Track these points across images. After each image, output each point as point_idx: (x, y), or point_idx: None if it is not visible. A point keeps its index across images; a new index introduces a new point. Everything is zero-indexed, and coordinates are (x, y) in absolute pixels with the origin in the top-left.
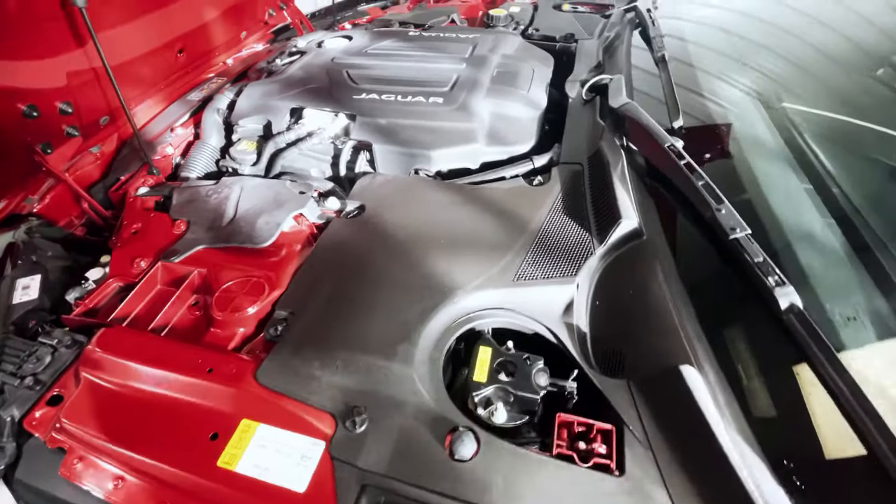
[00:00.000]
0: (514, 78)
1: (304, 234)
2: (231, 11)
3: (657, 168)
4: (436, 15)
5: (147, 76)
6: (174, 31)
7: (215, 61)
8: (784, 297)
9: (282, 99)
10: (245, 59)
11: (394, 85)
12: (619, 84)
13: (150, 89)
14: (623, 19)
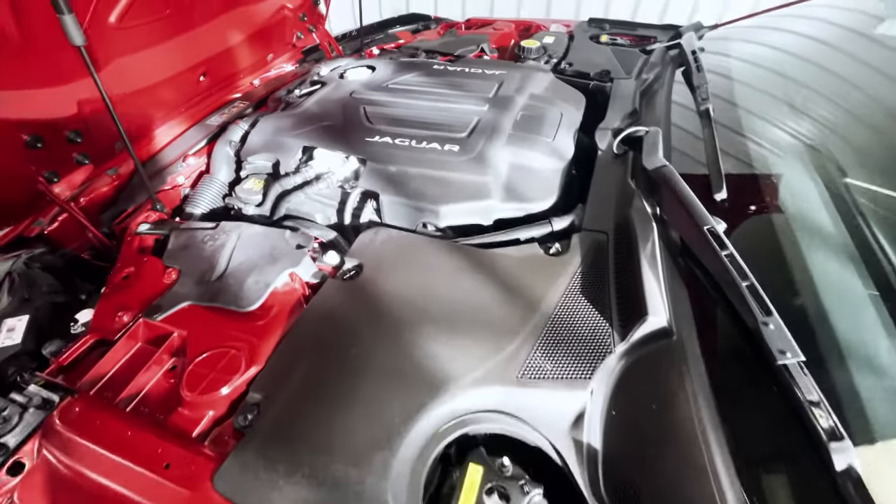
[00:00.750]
0: (539, 123)
1: (295, 296)
2: (257, 35)
3: (694, 252)
4: (465, 44)
5: (167, 100)
6: (197, 55)
7: (240, 83)
8: (840, 455)
9: (294, 136)
10: (272, 79)
11: (410, 127)
12: (654, 140)
13: (171, 113)
14: (664, 58)
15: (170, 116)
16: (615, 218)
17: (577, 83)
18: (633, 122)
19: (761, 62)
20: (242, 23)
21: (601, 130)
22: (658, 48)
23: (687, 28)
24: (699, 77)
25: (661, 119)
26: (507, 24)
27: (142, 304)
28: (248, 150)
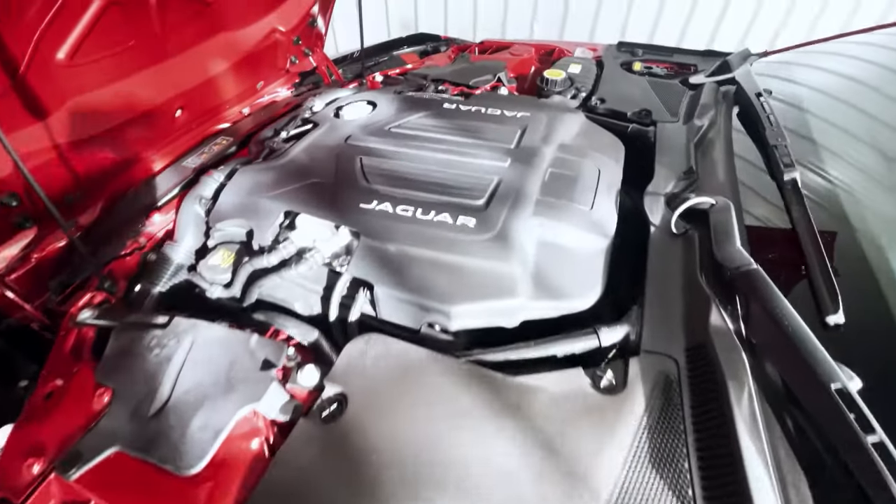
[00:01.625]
0: (572, 185)
1: (254, 448)
2: (244, 62)
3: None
4: (479, 72)
5: (136, 141)
6: (172, 88)
7: (226, 114)
8: None
9: (274, 197)
10: (264, 106)
11: (415, 189)
12: (726, 220)
13: (141, 155)
14: (717, 96)
15: (140, 159)
16: (686, 336)
17: (613, 125)
18: (689, 185)
19: (835, 93)
20: (226, 50)
21: (651, 196)
22: (708, 85)
23: (736, 57)
24: (774, 133)
25: (725, 184)
26: (527, 49)
27: (60, 446)
28: (218, 212)
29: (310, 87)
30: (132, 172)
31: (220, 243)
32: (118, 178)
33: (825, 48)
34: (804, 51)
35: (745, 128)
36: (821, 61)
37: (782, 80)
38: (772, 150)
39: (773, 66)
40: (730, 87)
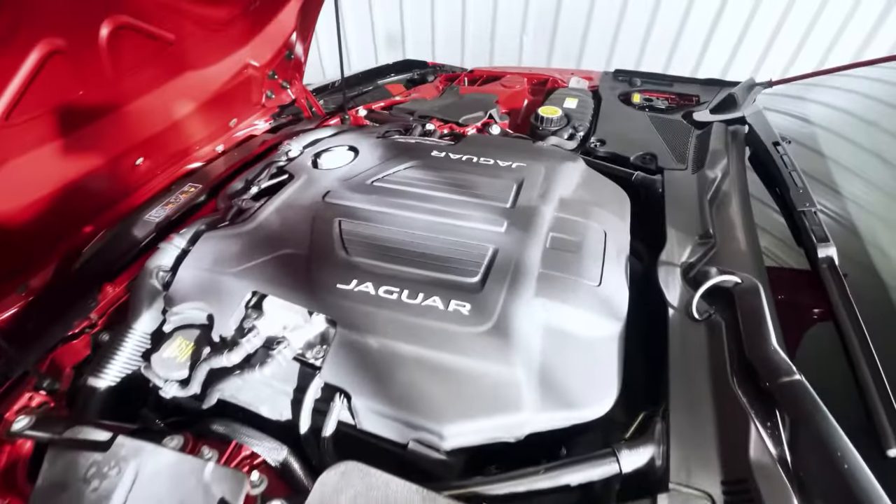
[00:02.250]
0: (577, 254)
1: None
2: (214, 101)
3: None
4: (469, 107)
5: (91, 198)
6: (131, 137)
7: (197, 154)
8: None
9: (240, 274)
10: (240, 142)
11: (400, 263)
12: (757, 309)
13: (97, 212)
14: (727, 139)
15: (96, 216)
16: (721, 464)
17: (615, 173)
18: (707, 252)
19: (844, 131)
20: (193, 90)
21: (665, 267)
22: (716, 127)
23: (741, 89)
24: (801, 196)
25: (748, 254)
26: (518, 80)
27: None
28: (175, 291)
29: (289, 118)
30: (87, 230)
31: (177, 328)
32: (72, 236)
33: (834, 82)
34: (810, 83)
35: (758, 174)
36: (829, 95)
37: (790, 117)
38: (799, 216)
39: (779, 99)
40: (739, 126)
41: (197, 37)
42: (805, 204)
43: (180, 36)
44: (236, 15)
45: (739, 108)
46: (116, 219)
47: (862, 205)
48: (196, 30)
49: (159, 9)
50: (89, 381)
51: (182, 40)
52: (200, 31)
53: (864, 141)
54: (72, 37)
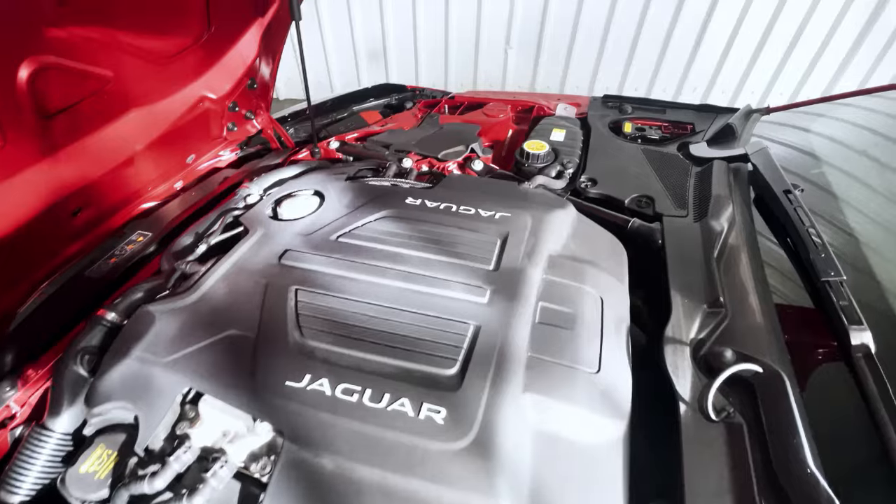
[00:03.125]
0: (571, 330)
1: None
2: (166, 138)
3: None
4: (449, 140)
5: (14, 260)
6: (61, 189)
7: (150, 194)
8: None
9: (173, 365)
10: (201, 177)
11: (364, 349)
12: (785, 412)
13: (25, 274)
14: (729, 179)
15: (23, 280)
16: None
17: (609, 218)
18: (719, 325)
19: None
20: (140, 129)
21: (672, 345)
22: (717, 167)
23: (739, 119)
24: (824, 261)
25: (766, 330)
26: (502, 107)
27: None
28: (99, 385)
29: (258, 147)
30: (17, 292)
31: (100, 432)
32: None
33: (836, 111)
34: (810, 111)
35: (764, 219)
36: (831, 126)
37: (793, 150)
38: (824, 288)
39: (777, 128)
40: (741, 164)
41: (141, 72)
42: (830, 273)
43: (120, 72)
44: (187, 46)
45: (738, 140)
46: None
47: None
48: (140, 64)
49: (91, 45)
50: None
51: (123, 77)
52: (145, 66)
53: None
54: None
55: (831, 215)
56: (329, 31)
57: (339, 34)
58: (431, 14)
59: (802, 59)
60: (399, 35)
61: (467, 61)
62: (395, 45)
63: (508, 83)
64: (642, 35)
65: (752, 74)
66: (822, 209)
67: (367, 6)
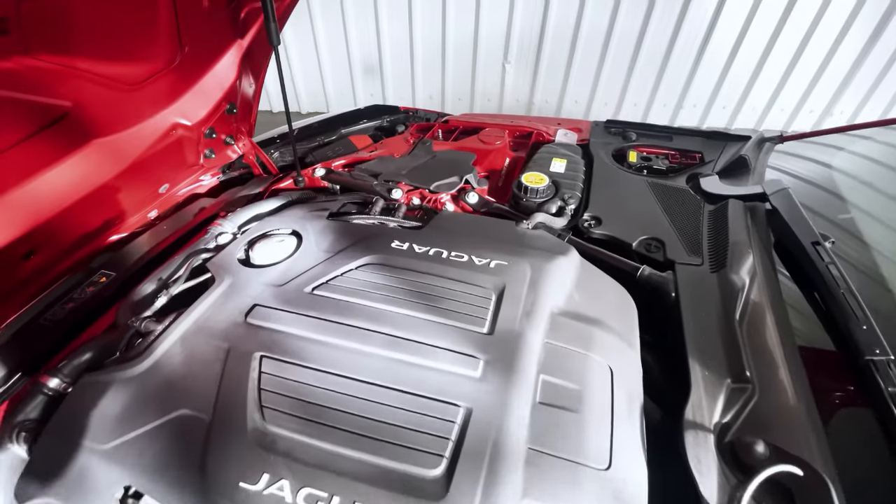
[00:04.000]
0: (576, 414)
1: None
2: (133, 171)
3: None
4: (443, 171)
5: None
6: (9, 230)
7: (121, 226)
8: None
9: (112, 455)
10: (178, 204)
11: (335, 440)
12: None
13: None
14: (747, 222)
15: None
16: None
17: (615, 264)
18: (745, 405)
19: None
20: (103, 162)
21: (693, 432)
22: (734, 208)
23: (751, 148)
24: (867, 336)
25: (801, 411)
26: (499, 134)
27: None
28: (30, 472)
29: (240, 171)
30: None
31: None
32: None
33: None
34: (827, 140)
35: (790, 273)
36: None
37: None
38: (869, 368)
39: (794, 158)
40: (758, 203)
41: (104, 100)
42: (875, 351)
43: (80, 102)
44: (157, 71)
45: (752, 173)
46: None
47: None
48: (102, 92)
49: (45, 75)
50: None
51: (83, 106)
52: (109, 94)
53: None
54: None
55: (863, 268)
56: (324, 45)
57: (334, 48)
58: (428, 28)
59: (804, 76)
60: (395, 49)
61: (464, 76)
62: (392, 59)
63: (506, 97)
64: (642, 50)
65: (753, 90)
66: (851, 259)
67: (362, 20)
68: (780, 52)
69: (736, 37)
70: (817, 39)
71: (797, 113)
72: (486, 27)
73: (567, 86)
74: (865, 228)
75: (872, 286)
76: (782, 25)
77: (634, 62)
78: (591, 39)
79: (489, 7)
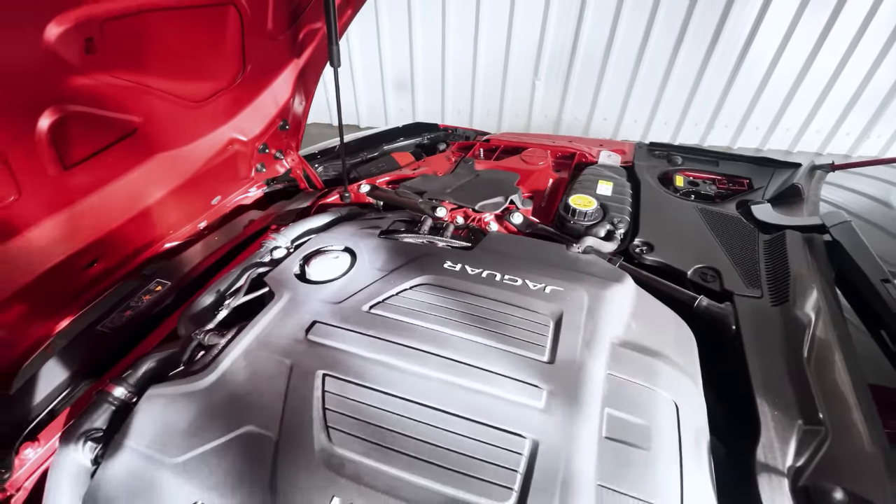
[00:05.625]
0: (644, 453)
1: None
2: (191, 184)
3: None
4: (487, 190)
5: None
6: (77, 241)
7: (172, 236)
8: None
9: (182, 470)
10: (225, 215)
11: (402, 466)
12: None
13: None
14: (807, 256)
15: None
16: None
17: (671, 293)
18: (818, 449)
19: None
20: (164, 176)
21: (767, 475)
22: (791, 239)
23: (804, 177)
24: None
25: (875, 452)
26: (541, 154)
27: None
28: (98, 489)
29: (284, 184)
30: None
31: None
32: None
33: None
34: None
35: (851, 304)
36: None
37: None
38: None
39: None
40: (816, 235)
41: (169, 117)
42: None
43: (148, 118)
44: (220, 89)
45: (806, 202)
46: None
47: None
48: (169, 109)
49: (120, 92)
50: None
51: (150, 122)
52: (174, 111)
53: None
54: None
55: None
56: (358, 61)
57: (368, 63)
58: (461, 44)
59: (841, 98)
60: (427, 65)
61: (494, 92)
62: (423, 75)
63: (535, 114)
64: (674, 69)
65: (788, 111)
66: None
67: (397, 37)
68: (816, 73)
69: (772, 57)
70: (855, 61)
71: (833, 135)
72: (517, 44)
73: (597, 103)
74: None
75: None
76: (820, 46)
77: (666, 81)
78: (622, 57)
79: (521, 24)
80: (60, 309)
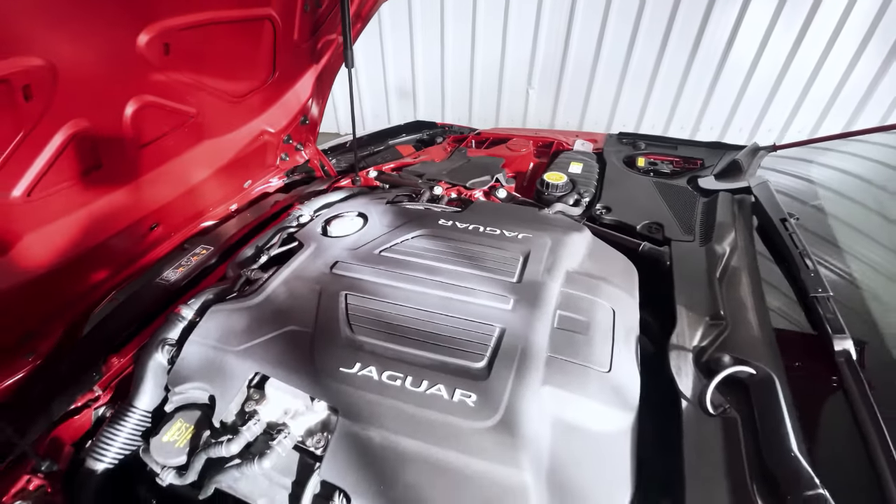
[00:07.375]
0: (585, 335)
1: None
2: (230, 166)
3: None
4: (476, 171)
5: (101, 264)
6: (145, 207)
7: (210, 214)
8: None
9: (243, 354)
10: (253, 199)
11: (406, 344)
12: (773, 407)
13: (107, 275)
14: (733, 209)
15: (105, 281)
16: None
17: (622, 242)
18: (719, 335)
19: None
20: (210, 157)
21: (676, 351)
22: (723, 197)
23: (745, 155)
24: (813, 280)
25: (761, 339)
26: (524, 143)
27: None
28: (179, 370)
29: (302, 175)
30: (96, 295)
31: (178, 409)
32: (81, 301)
33: (841, 146)
34: (815, 147)
35: (766, 246)
36: (833, 159)
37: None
38: (812, 302)
39: (782, 162)
40: (745, 196)
41: (216, 109)
42: (817, 289)
43: (201, 109)
44: (255, 88)
45: (744, 175)
46: (125, 281)
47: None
48: (216, 102)
49: (183, 87)
50: (87, 463)
51: (202, 113)
52: (220, 104)
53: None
54: (97, 118)
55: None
56: (363, 70)
57: (371, 72)
58: (459, 56)
59: (819, 99)
60: (428, 75)
61: (490, 100)
62: (424, 84)
63: (529, 120)
64: (659, 76)
65: (769, 113)
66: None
67: (399, 49)
68: (795, 75)
69: (751, 60)
70: (831, 62)
71: (814, 134)
72: (511, 55)
73: (587, 109)
74: (829, 207)
75: (829, 249)
76: (796, 50)
77: (652, 85)
78: (610, 65)
79: (515, 37)
80: (128, 266)
